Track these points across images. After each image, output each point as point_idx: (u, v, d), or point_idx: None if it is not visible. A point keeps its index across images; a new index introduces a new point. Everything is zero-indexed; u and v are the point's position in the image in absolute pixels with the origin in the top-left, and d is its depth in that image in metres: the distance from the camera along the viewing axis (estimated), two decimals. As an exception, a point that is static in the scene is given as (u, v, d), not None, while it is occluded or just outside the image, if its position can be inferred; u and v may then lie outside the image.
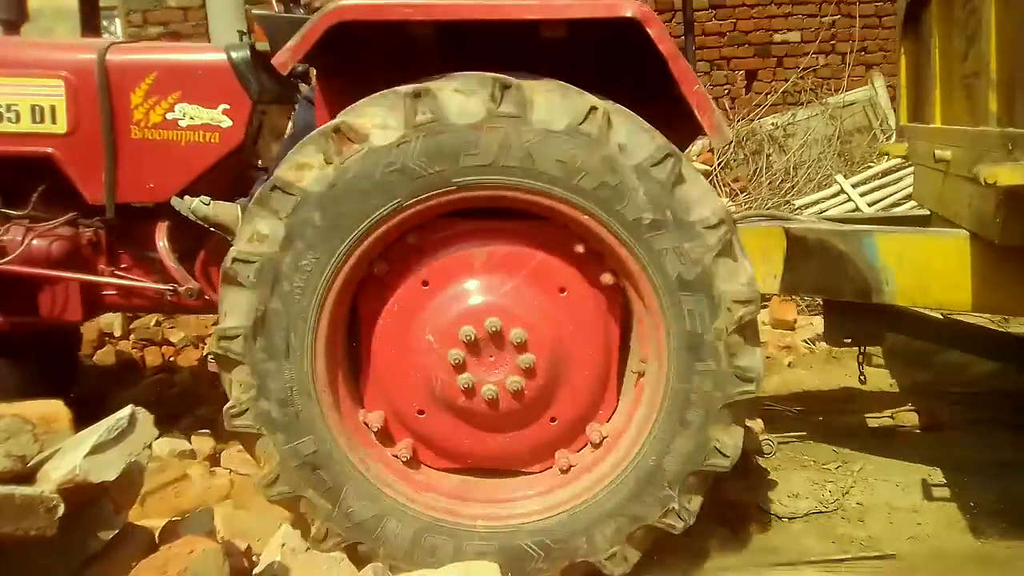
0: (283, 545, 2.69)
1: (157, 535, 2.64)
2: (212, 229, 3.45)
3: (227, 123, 3.48)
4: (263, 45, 3.08)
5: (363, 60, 2.96)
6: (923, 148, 4.07)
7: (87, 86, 3.45)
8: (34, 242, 3.50)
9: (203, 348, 5.15)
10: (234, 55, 3.51)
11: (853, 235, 3.50)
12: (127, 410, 2.44)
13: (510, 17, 2.66)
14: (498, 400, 2.87)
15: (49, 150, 3.49)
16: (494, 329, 2.83)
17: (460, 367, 2.85)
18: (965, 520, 3.37)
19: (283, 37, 2.79)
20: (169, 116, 3.46)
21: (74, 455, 2.26)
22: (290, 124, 3.84)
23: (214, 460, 3.81)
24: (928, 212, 4.35)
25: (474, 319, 2.84)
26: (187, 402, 4.47)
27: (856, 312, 3.66)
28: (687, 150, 3.26)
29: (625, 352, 3.05)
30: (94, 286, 3.68)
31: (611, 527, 2.87)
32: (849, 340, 3.84)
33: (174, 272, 3.56)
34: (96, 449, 2.27)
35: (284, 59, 2.73)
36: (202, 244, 3.64)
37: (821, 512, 3.50)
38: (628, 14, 2.59)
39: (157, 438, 2.59)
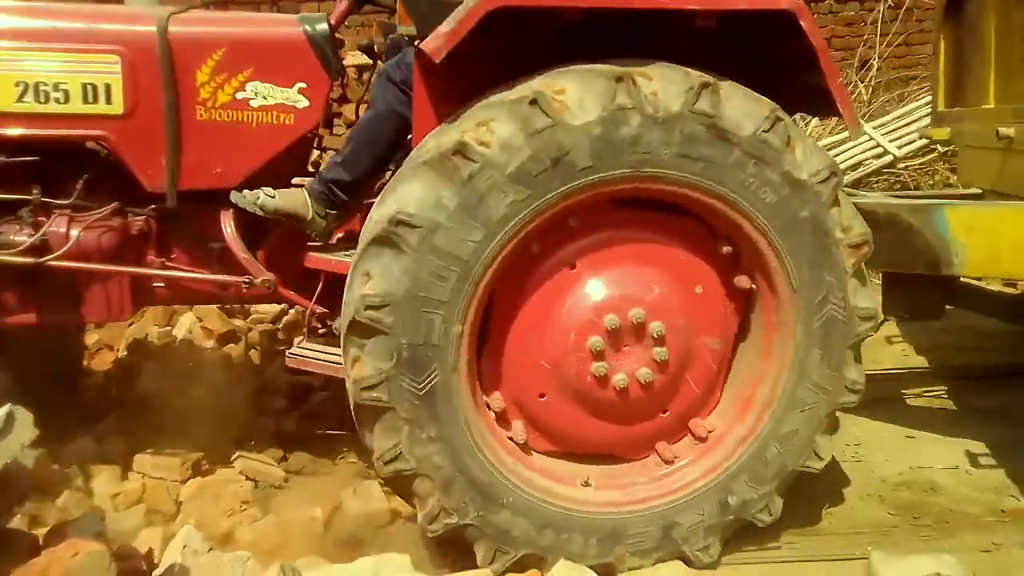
0: (184, 547, 2.61)
1: (42, 539, 2.62)
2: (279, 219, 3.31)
3: (303, 103, 3.26)
4: (407, 28, 2.82)
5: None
6: (974, 129, 4.27)
7: (147, 63, 3.14)
8: (82, 234, 3.18)
9: (117, 351, 4.88)
10: (312, 29, 3.28)
11: (923, 209, 3.59)
12: (4, 409, 2.35)
13: (677, 7, 2.65)
14: (627, 390, 2.88)
15: (102, 133, 3.18)
16: (637, 320, 2.85)
17: (599, 355, 2.84)
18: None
19: (430, 20, 2.66)
20: (239, 96, 3.20)
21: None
22: (366, 103, 3.52)
23: (127, 465, 3.69)
24: (980, 191, 4.48)
25: (618, 308, 2.84)
26: (104, 406, 4.25)
27: (916, 285, 3.75)
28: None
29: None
30: (147, 279, 3.39)
31: (712, 518, 2.95)
32: (908, 314, 4.00)
33: (246, 263, 3.32)
34: (-27, 450, 2.26)
35: (438, 45, 2.56)
36: (267, 233, 3.42)
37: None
38: (785, 7, 2.67)
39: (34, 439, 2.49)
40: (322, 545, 3.09)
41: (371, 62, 3.89)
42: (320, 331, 3.41)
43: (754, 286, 3.00)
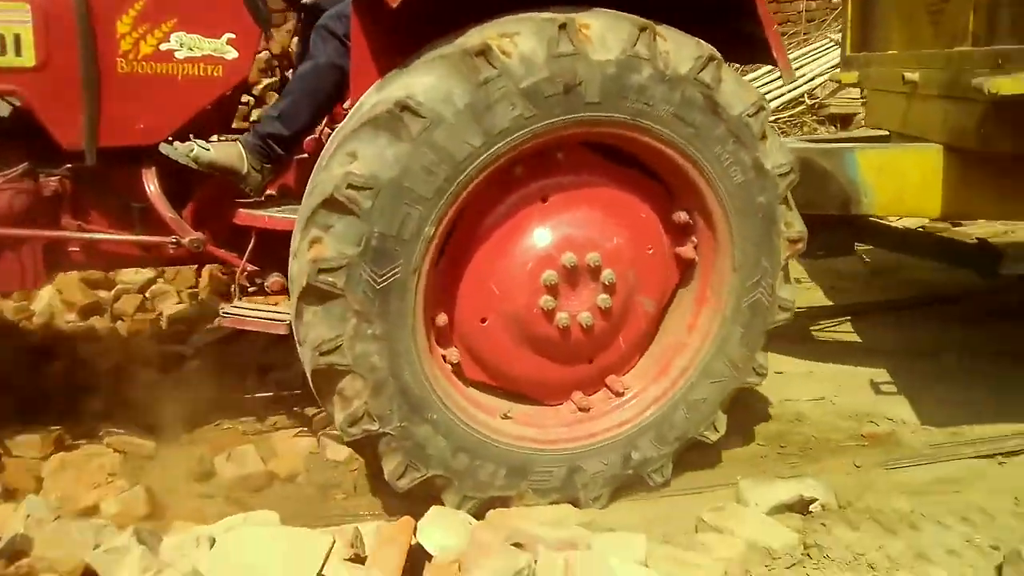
0: (27, 516, 2.54)
1: None
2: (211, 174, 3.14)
3: (232, 55, 3.12)
4: None
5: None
6: (881, 73, 4.51)
7: (62, 12, 2.93)
8: None
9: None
10: None
11: (835, 152, 3.85)
12: None
13: None
14: (567, 331, 2.95)
15: (12, 87, 2.96)
16: (593, 264, 2.92)
17: (550, 288, 2.88)
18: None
19: None
20: (163, 47, 3.04)
21: None
22: (304, 55, 3.38)
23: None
24: (887, 133, 4.71)
25: (579, 249, 2.89)
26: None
27: (828, 225, 3.95)
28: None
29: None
30: (63, 244, 3.19)
31: (613, 469, 3.05)
32: (822, 253, 4.17)
33: (172, 222, 3.17)
34: None
35: None
36: (192, 190, 3.28)
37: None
38: None
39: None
40: (194, 512, 3.00)
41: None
42: (250, 289, 3.32)
43: (697, 258, 3.13)
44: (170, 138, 3.13)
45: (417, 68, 2.64)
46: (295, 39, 3.55)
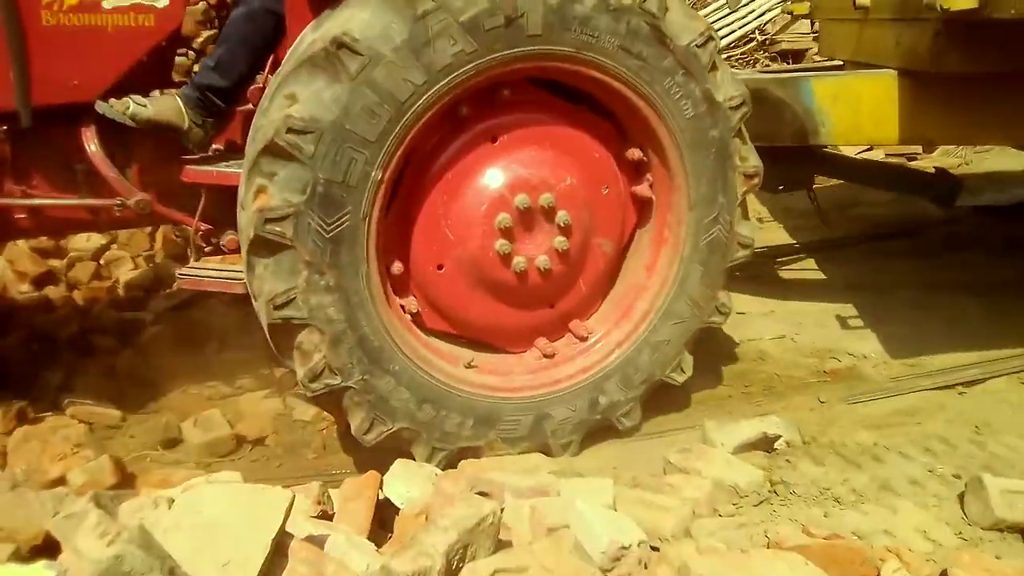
0: None
1: None
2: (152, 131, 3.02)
3: (162, 2, 2.98)
4: None
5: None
6: (832, 2, 4.45)
7: None
8: None
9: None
10: None
11: (791, 82, 3.81)
12: None
13: None
14: (525, 275, 2.92)
15: None
16: (547, 205, 2.88)
17: (505, 232, 2.85)
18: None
19: None
20: None
21: None
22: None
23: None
24: (840, 63, 4.68)
25: (531, 190, 2.86)
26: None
27: (785, 159, 3.92)
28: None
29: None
30: (6, 211, 3.04)
31: (581, 415, 3.05)
32: (782, 187, 4.18)
33: (116, 183, 3.05)
34: None
35: None
36: (136, 148, 3.13)
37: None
38: None
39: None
40: (162, 480, 2.94)
41: None
42: (206, 249, 3.23)
43: (654, 197, 3.10)
44: (106, 96, 2.98)
45: (352, 4, 2.54)
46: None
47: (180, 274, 3.14)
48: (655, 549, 2.28)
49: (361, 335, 2.67)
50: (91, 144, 3.04)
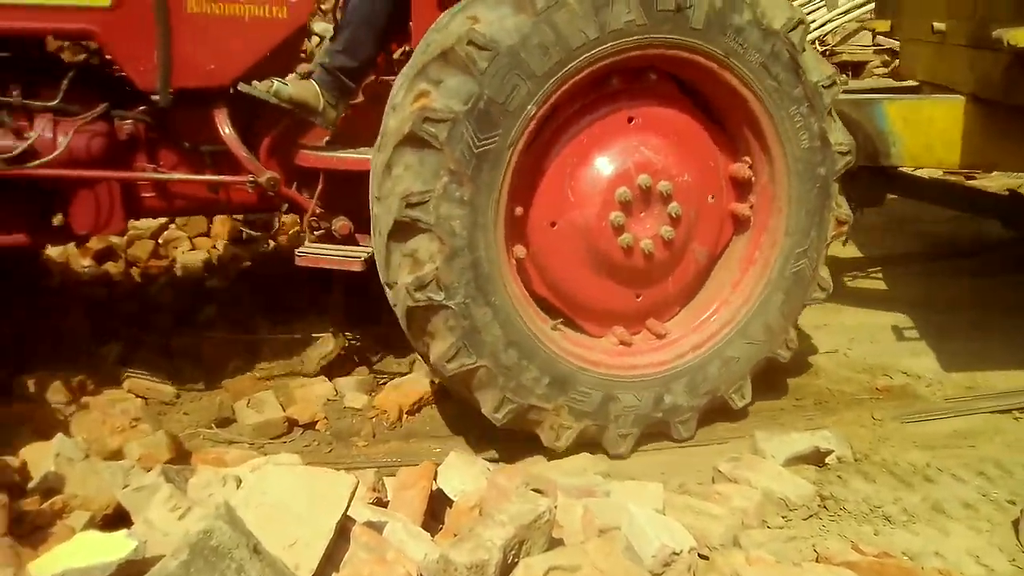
0: (57, 455, 2.52)
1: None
2: (283, 112, 3.09)
3: None
4: None
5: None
6: (912, 23, 4.33)
7: None
8: (69, 140, 2.90)
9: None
10: None
11: (864, 103, 3.72)
12: None
13: None
14: (629, 252, 2.90)
15: (89, 27, 2.84)
16: (664, 192, 2.88)
17: (623, 205, 2.84)
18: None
19: None
20: None
21: None
22: None
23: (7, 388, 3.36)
24: (916, 84, 4.56)
25: (654, 173, 2.87)
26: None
27: (859, 176, 3.70)
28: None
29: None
30: (140, 187, 3.15)
31: (645, 408, 2.97)
32: (853, 203, 4.16)
33: (247, 162, 3.07)
34: None
35: None
36: (260, 133, 3.18)
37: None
38: None
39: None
40: (215, 458, 2.89)
41: None
42: (317, 231, 3.24)
43: (752, 218, 3.04)
44: (234, 82, 3.04)
45: None
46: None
47: (299, 252, 3.13)
48: (703, 557, 2.16)
49: (476, 258, 2.60)
50: (224, 126, 3.06)
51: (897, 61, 6.99)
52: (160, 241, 4.95)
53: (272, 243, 5.04)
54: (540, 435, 2.83)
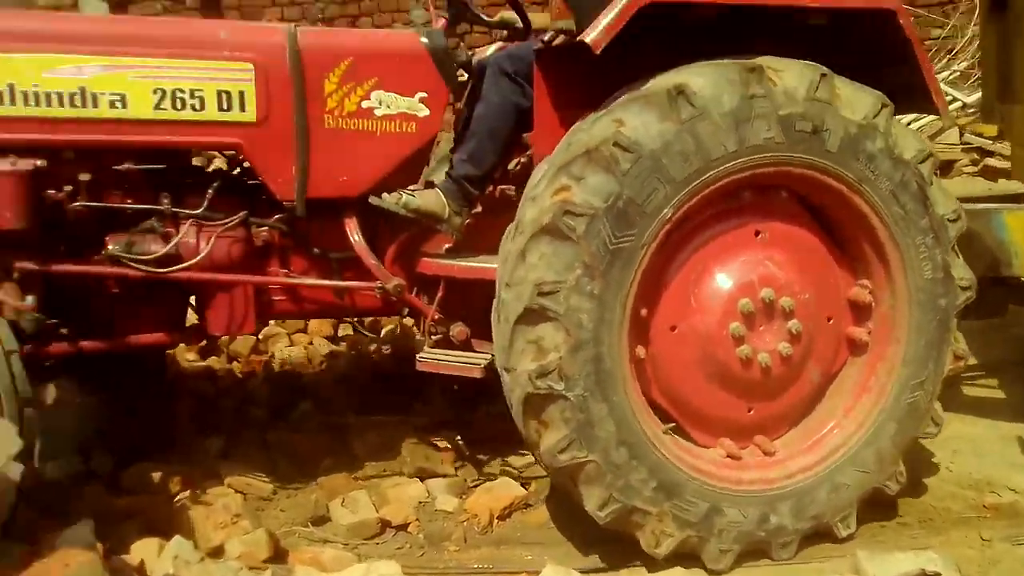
0: (175, 557, 2.52)
1: (34, 550, 2.48)
2: (408, 220, 3.20)
3: (424, 112, 3.14)
4: (568, 23, 2.75)
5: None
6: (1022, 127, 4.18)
7: (279, 71, 2.97)
8: (212, 245, 3.06)
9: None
10: (431, 41, 3.16)
11: (983, 213, 3.67)
12: None
13: (801, 4, 2.73)
14: (747, 363, 2.88)
15: (236, 141, 3.01)
16: (787, 307, 2.90)
17: (746, 317, 2.86)
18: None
19: (588, 15, 2.62)
20: (365, 104, 3.08)
21: None
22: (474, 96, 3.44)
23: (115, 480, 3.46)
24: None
25: (779, 288, 2.89)
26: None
27: (980, 286, 3.63)
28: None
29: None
30: (271, 291, 3.27)
31: (748, 525, 2.88)
32: (974, 315, 3.71)
33: (375, 269, 3.16)
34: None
35: (599, 38, 2.58)
36: (388, 238, 3.29)
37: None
38: (888, 5, 2.81)
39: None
40: (312, 557, 2.92)
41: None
42: (435, 336, 3.29)
43: (868, 343, 3.01)
44: (364, 194, 3.17)
45: (691, 67, 2.66)
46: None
47: (420, 358, 3.19)
48: None
49: (599, 352, 2.60)
50: (354, 234, 3.16)
51: (987, 160, 6.85)
52: (260, 337, 5.04)
53: (375, 344, 5.14)
54: (640, 539, 2.77)
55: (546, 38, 2.80)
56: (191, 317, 3.41)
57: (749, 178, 2.72)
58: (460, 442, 3.74)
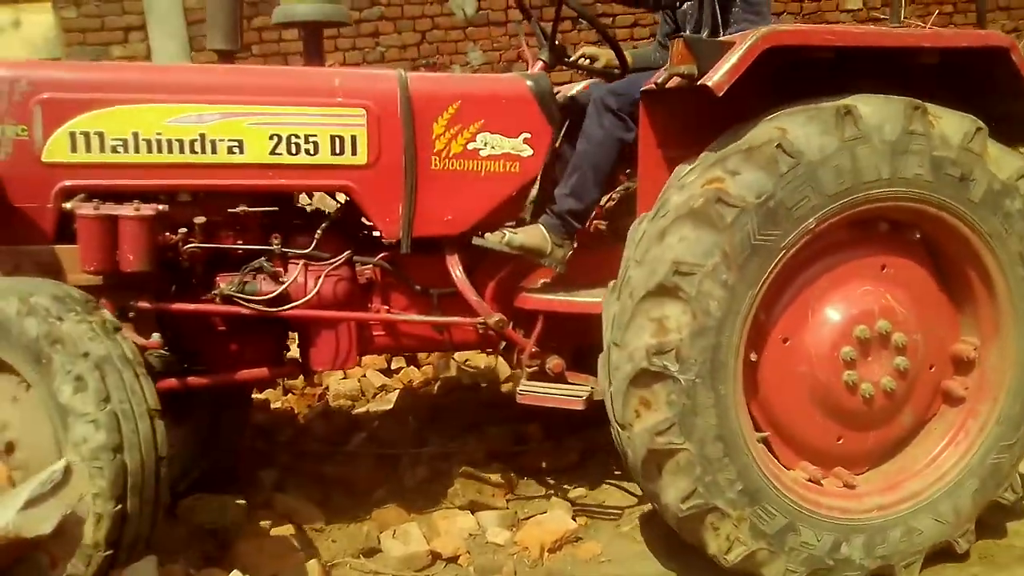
0: None
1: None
2: (508, 257, 3.25)
3: (527, 152, 3.19)
4: (690, 68, 2.77)
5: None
6: None
7: (390, 115, 3.03)
8: (320, 283, 3.11)
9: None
10: (535, 84, 3.21)
11: None
12: (61, 463, 2.32)
13: (918, 44, 2.78)
14: (850, 388, 2.89)
15: (347, 183, 3.06)
16: (899, 344, 2.91)
17: (860, 343, 2.86)
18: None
19: (708, 59, 2.67)
20: (470, 146, 3.13)
21: (7, 510, 2.20)
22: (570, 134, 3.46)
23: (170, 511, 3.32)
24: None
25: (894, 322, 2.90)
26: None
27: None
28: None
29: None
30: (372, 327, 3.32)
31: (869, 554, 2.88)
32: None
33: (476, 305, 3.19)
34: (30, 503, 2.21)
35: (722, 81, 2.59)
36: (488, 274, 3.33)
37: None
38: (1002, 44, 2.85)
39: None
40: None
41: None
42: (530, 369, 3.30)
43: (965, 398, 3.04)
44: (467, 233, 3.22)
45: (858, 96, 2.70)
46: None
47: (521, 391, 3.20)
48: None
49: (719, 342, 2.60)
50: (456, 271, 3.19)
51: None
52: (315, 369, 5.05)
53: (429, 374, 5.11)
54: (710, 543, 2.75)
55: (660, 80, 2.82)
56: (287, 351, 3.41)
57: (892, 208, 2.77)
58: (512, 475, 3.71)
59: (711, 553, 2.77)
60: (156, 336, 2.85)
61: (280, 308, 3.06)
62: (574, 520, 3.38)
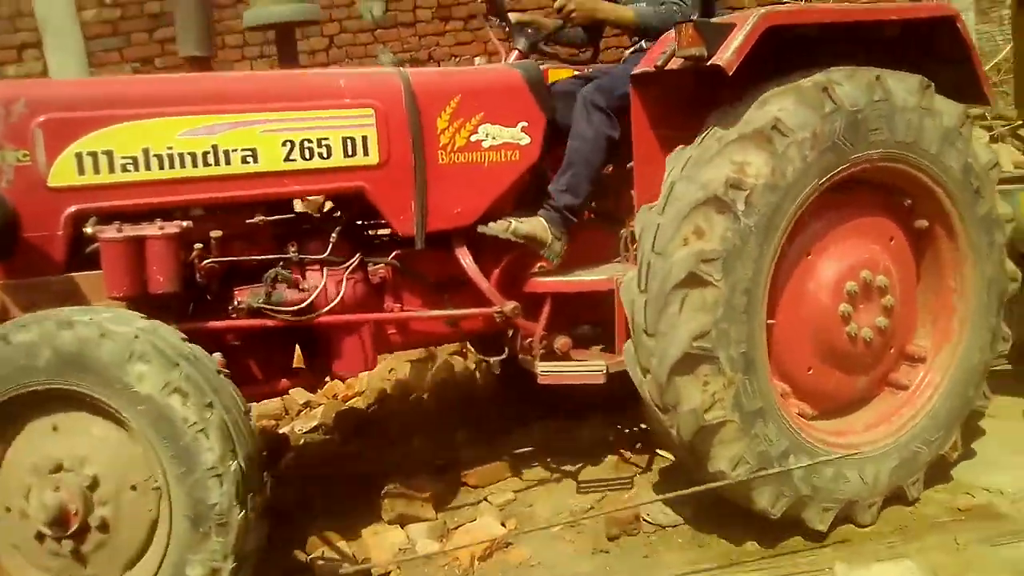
0: None
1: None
2: (510, 246, 3.33)
3: (526, 140, 3.26)
4: (700, 50, 2.86)
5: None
6: None
7: (397, 113, 3.02)
8: (341, 287, 3.09)
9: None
10: (527, 73, 3.28)
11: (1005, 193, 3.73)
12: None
13: (885, 19, 3.04)
14: (855, 339, 3.11)
15: (361, 184, 3.04)
16: (888, 305, 3.14)
17: (862, 286, 3.06)
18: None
19: (714, 41, 2.80)
20: (473, 138, 3.18)
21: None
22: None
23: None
24: None
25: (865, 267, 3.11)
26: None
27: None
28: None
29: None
30: (387, 325, 3.33)
31: (885, 479, 3.11)
32: None
33: (489, 294, 3.23)
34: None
35: (731, 60, 2.73)
36: (492, 264, 3.39)
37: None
38: (948, 14, 3.11)
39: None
40: None
41: None
42: (542, 352, 3.38)
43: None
44: (474, 223, 3.28)
45: (771, 100, 2.87)
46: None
47: (542, 371, 3.25)
48: None
49: (750, 328, 2.84)
50: (466, 261, 3.23)
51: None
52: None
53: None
54: (758, 500, 2.94)
55: (660, 63, 2.95)
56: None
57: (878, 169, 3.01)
58: (440, 485, 3.64)
59: (760, 508, 2.99)
60: None
61: (310, 316, 3.03)
62: (503, 526, 3.34)
